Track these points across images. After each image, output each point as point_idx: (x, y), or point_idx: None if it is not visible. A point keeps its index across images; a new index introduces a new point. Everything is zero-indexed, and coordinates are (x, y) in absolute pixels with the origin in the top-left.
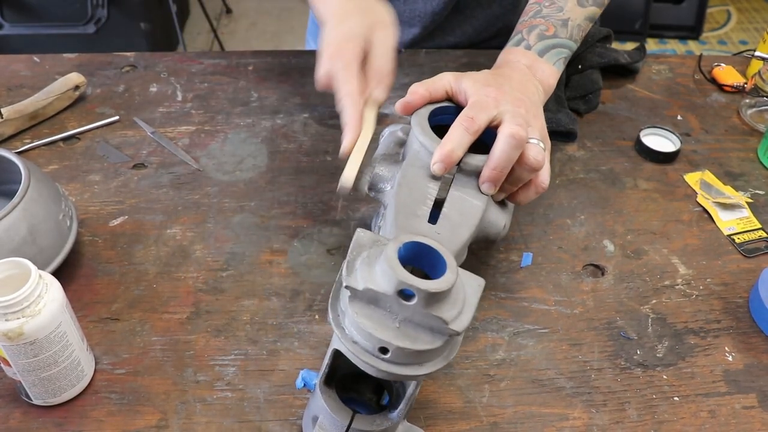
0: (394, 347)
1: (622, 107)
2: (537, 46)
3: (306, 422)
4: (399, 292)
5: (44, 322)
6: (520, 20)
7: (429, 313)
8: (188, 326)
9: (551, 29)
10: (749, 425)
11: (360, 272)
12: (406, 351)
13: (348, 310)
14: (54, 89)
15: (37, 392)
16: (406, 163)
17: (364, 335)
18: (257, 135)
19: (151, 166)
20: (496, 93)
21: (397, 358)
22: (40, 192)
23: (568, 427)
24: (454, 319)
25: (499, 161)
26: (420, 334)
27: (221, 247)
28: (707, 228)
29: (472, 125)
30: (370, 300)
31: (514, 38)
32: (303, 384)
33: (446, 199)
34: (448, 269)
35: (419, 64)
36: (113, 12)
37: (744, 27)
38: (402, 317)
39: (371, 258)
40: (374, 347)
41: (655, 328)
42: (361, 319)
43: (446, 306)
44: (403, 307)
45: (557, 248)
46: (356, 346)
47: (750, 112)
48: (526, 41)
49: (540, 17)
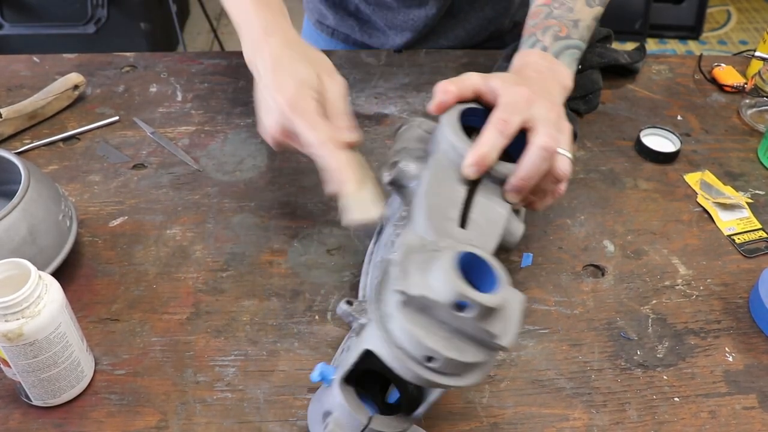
0: (442, 357)
1: (622, 107)
2: (553, 48)
3: (313, 416)
4: (454, 302)
5: (44, 323)
6: (529, 22)
7: (480, 326)
8: (188, 327)
9: (564, 30)
10: (749, 426)
11: (414, 277)
12: (454, 362)
13: (397, 315)
14: (53, 89)
15: (37, 393)
16: (435, 163)
17: (412, 342)
18: (257, 135)
19: (151, 166)
20: (528, 93)
21: (442, 368)
22: (40, 192)
23: (568, 427)
24: (502, 335)
25: (528, 172)
26: (467, 346)
27: (221, 247)
28: (707, 228)
29: (506, 128)
30: (422, 307)
31: (528, 40)
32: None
33: (473, 204)
34: (502, 284)
35: (419, 64)
36: (113, 12)
37: (744, 27)
38: (452, 328)
39: (425, 263)
40: (421, 355)
41: (656, 329)
42: (412, 325)
43: (495, 320)
44: (456, 318)
45: (557, 248)
46: (401, 352)
47: (750, 112)
48: (542, 43)
49: (552, 18)
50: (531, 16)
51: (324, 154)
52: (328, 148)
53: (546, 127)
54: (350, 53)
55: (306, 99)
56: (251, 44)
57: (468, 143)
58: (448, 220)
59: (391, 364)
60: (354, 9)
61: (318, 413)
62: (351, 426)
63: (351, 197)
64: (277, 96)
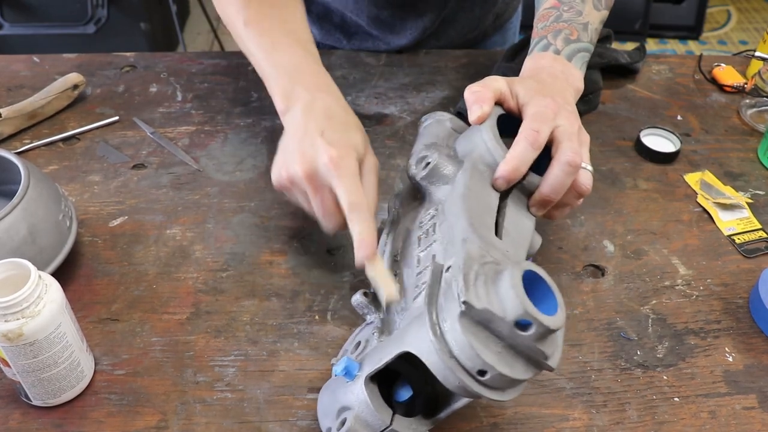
0: (495, 372)
1: (622, 107)
2: (565, 51)
3: (325, 408)
4: (518, 320)
5: (44, 323)
6: (539, 25)
7: (535, 346)
8: (188, 327)
9: (575, 33)
10: (749, 426)
11: (479, 289)
12: (505, 378)
13: (456, 325)
14: (53, 89)
15: (37, 393)
16: (471, 166)
17: (468, 354)
18: (257, 135)
19: (151, 166)
20: (553, 104)
21: (491, 382)
22: (40, 192)
23: (568, 427)
24: (551, 356)
25: (554, 187)
26: (518, 363)
27: (221, 247)
28: (707, 228)
29: (537, 140)
30: (482, 320)
31: (540, 43)
32: (344, 372)
33: (505, 214)
34: (561, 307)
35: (419, 64)
36: (113, 12)
37: (744, 27)
38: (506, 343)
39: (489, 277)
40: (474, 368)
41: (655, 329)
42: (472, 337)
43: (548, 341)
44: (515, 335)
45: (557, 248)
46: (454, 362)
47: (750, 112)
48: (554, 46)
49: (562, 22)
50: (540, 19)
51: (360, 219)
52: (364, 214)
53: (570, 141)
54: (350, 53)
55: (353, 161)
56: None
57: (505, 151)
58: (485, 228)
59: (437, 372)
60: (339, 21)
61: (331, 406)
62: (373, 425)
63: (378, 272)
64: (328, 147)
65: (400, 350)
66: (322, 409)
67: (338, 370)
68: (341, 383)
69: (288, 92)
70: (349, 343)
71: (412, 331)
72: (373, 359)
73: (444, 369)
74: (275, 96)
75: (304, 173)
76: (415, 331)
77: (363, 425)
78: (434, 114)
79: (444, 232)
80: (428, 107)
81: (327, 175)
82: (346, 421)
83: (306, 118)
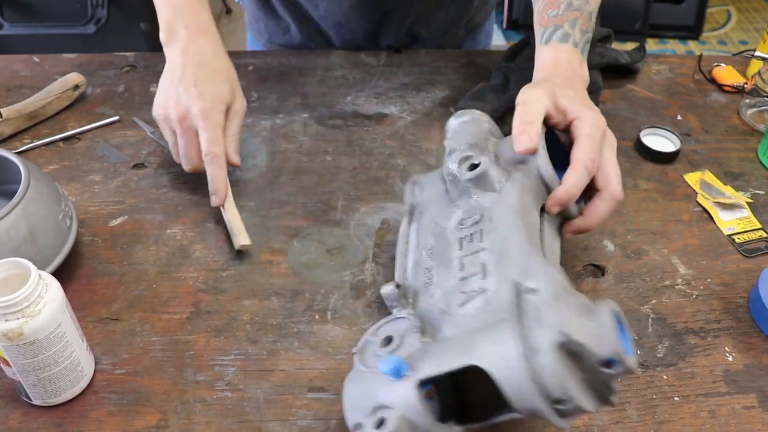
0: (573, 404)
1: (622, 107)
2: (581, 43)
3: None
4: (607, 359)
5: (44, 323)
6: (549, 12)
7: (611, 383)
8: (188, 326)
9: (585, 24)
10: (749, 425)
11: (574, 322)
12: (578, 409)
13: (551, 353)
14: (54, 89)
15: (37, 392)
16: (522, 180)
17: (555, 382)
18: (257, 135)
19: (151, 166)
20: (603, 123)
21: (564, 410)
22: (40, 192)
23: (568, 427)
24: (616, 392)
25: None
26: (589, 396)
27: (221, 247)
28: (707, 228)
29: (594, 167)
30: (572, 352)
31: (558, 32)
32: (392, 371)
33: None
34: (634, 348)
35: (419, 64)
36: (113, 12)
37: (744, 27)
38: (585, 377)
39: (581, 311)
40: (555, 395)
41: (655, 328)
42: (562, 368)
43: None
44: (598, 370)
45: None
46: (534, 386)
47: (750, 112)
48: (573, 37)
49: (575, 10)
50: (549, 6)
51: (215, 167)
52: (218, 162)
53: (615, 169)
54: (350, 53)
55: (218, 113)
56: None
57: (554, 173)
58: (537, 247)
59: (511, 392)
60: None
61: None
62: (418, 428)
63: (234, 219)
64: (196, 100)
65: (469, 362)
66: (350, 402)
67: (386, 369)
68: (378, 379)
69: (170, 26)
70: (372, 334)
71: (485, 346)
72: (428, 363)
73: (521, 391)
74: (161, 25)
75: (177, 117)
76: (491, 347)
77: (409, 427)
78: (470, 111)
79: (494, 243)
80: (428, 107)
81: (195, 123)
82: (387, 422)
83: (182, 62)
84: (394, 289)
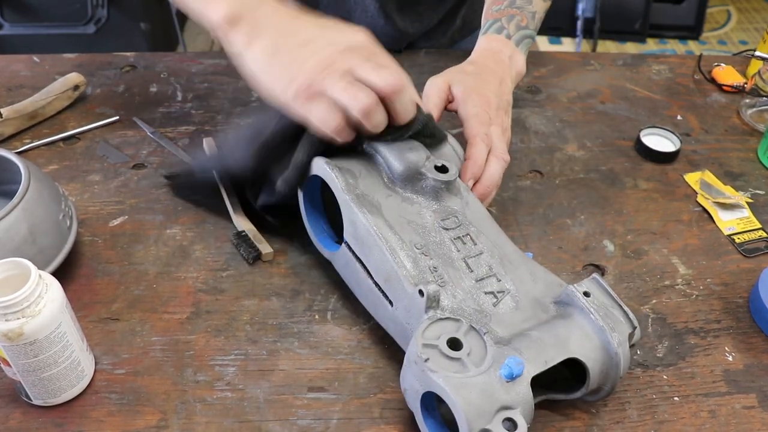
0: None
1: (622, 107)
2: (515, 37)
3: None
4: None
5: (44, 323)
6: (493, 7)
7: None
8: (188, 326)
9: (525, 20)
10: (749, 425)
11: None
12: None
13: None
14: (54, 89)
15: (37, 392)
16: None
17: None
18: None
19: (151, 166)
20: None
21: None
22: (40, 192)
23: (568, 427)
24: None
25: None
26: None
27: (221, 247)
28: (707, 228)
29: (488, 139)
30: None
31: (494, 25)
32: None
33: None
34: None
35: (419, 64)
36: (113, 12)
37: (744, 27)
38: None
39: None
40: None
41: (655, 328)
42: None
43: None
44: None
45: (557, 248)
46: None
47: (750, 112)
48: (507, 30)
49: (515, 8)
50: (495, 2)
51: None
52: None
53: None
54: None
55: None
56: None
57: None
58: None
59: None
60: None
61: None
62: (527, 421)
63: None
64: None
65: (568, 356)
66: (474, 411)
67: (507, 371)
68: (490, 383)
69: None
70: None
71: (576, 340)
72: (533, 362)
73: (605, 370)
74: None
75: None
76: (581, 341)
77: (524, 421)
78: None
79: (489, 247)
80: None
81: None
82: (518, 423)
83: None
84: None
